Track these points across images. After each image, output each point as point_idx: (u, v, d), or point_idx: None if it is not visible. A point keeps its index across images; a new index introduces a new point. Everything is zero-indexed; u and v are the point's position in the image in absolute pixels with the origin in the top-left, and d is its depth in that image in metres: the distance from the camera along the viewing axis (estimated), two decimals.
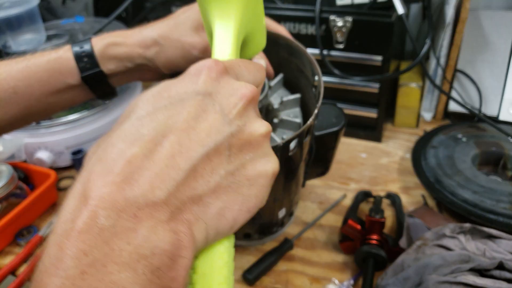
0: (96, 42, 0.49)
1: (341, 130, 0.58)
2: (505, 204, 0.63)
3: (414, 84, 0.89)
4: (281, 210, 0.63)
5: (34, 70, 0.47)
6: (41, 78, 0.47)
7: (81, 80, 0.48)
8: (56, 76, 0.47)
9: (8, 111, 0.47)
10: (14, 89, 0.46)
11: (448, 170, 0.71)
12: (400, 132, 0.93)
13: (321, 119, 0.58)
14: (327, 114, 0.58)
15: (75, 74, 0.48)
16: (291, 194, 0.63)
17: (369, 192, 0.74)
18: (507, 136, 0.77)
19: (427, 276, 0.51)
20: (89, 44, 0.48)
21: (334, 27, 0.80)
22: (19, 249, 0.72)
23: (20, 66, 0.47)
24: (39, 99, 0.48)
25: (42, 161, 0.85)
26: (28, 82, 0.47)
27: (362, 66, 0.82)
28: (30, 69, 0.47)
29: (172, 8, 0.92)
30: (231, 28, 0.32)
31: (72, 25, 1.02)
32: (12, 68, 0.46)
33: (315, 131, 0.56)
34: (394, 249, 0.61)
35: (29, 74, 0.46)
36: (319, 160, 0.61)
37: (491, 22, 0.86)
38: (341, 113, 0.59)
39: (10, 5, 0.86)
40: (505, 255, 0.53)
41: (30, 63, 0.47)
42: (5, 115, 0.47)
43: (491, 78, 0.89)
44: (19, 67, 0.47)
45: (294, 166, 0.55)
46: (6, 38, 0.88)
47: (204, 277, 0.24)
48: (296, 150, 0.51)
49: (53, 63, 0.47)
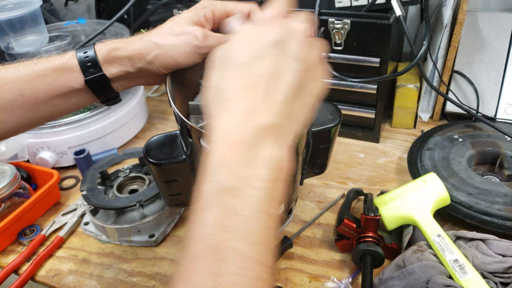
0: (99, 48, 0.50)
1: (337, 126, 0.59)
2: (499, 205, 0.64)
3: (412, 85, 0.89)
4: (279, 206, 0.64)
5: (41, 74, 0.48)
6: (46, 82, 0.48)
7: (84, 84, 0.50)
8: (61, 80, 0.49)
9: (15, 113, 0.48)
10: (21, 92, 0.48)
11: (443, 172, 0.72)
12: (397, 133, 0.94)
13: (317, 116, 0.59)
14: (323, 111, 0.59)
15: (79, 78, 0.49)
16: (289, 191, 0.64)
17: (360, 190, 0.75)
18: (504, 135, 0.77)
19: (436, 276, 0.52)
20: (93, 50, 0.50)
21: (333, 29, 0.81)
22: (22, 248, 0.73)
23: (27, 70, 0.48)
24: (45, 102, 0.49)
25: (45, 161, 0.86)
26: (35, 85, 0.48)
27: (360, 67, 0.83)
28: (37, 73, 0.48)
29: (173, 10, 0.93)
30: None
31: (74, 26, 1.04)
32: (19, 72, 0.48)
33: (312, 127, 0.58)
34: (389, 246, 0.63)
35: (35, 78, 0.48)
36: (316, 158, 0.62)
37: (488, 23, 0.87)
38: (337, 110, 0.60)
39: (13, 6, 0.87)
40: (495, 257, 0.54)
41: (36, 67, 0.49)
42: (11, 117, 0.48)
43: (489, 79, 0.90)
44: (26, 71, 0.48)
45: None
46: (9, 40, 0.89)
47: None
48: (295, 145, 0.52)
49: (58, 67, 0.49)
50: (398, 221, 0.63)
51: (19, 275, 0.67)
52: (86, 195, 0.73)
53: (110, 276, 0.67)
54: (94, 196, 0.73)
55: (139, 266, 0.68)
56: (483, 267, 0.54)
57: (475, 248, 0.56)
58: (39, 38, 0.91)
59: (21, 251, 0.72)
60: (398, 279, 0.54)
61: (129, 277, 0.67)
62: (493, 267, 0.53)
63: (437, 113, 0.95)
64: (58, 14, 1.19)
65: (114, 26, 0.96)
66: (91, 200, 0.72)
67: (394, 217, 0.62)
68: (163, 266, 0.68)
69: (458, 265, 0.53)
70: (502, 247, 0.55)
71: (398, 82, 0.91)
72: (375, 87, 0.84)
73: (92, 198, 0.72)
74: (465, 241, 0.58)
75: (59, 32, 1.00)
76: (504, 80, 0.88)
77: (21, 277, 0.66)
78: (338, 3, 0.81)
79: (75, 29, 1.02)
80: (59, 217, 0.77)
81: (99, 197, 0.73)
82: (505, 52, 0.87)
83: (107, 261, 0.70)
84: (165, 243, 0.72)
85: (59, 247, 0.73)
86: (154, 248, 0.71)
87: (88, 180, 0.76)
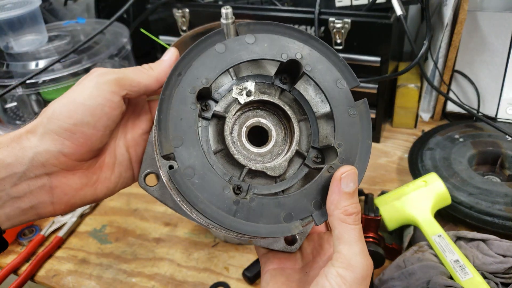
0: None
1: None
2: (500, 205, 0.64)
3: (413, 85, 0.89)
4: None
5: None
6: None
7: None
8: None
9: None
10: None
11: (444, 172, 0.71)
12: (398, 133, 0.93)
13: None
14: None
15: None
16: None
17: (361, 190, 0.75)
18: (505, 135, 0.77)
19: (436, 277, 0.52)
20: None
21: (333, 29, 0.80)
22: (21, 248, 0.72)
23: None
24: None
25: None
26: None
27: (360, 67, 0.83)
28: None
29: (173, 9, 0.92)
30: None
31: (73, 26, 1.03)
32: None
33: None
34: (390, 246, 0.62)
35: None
36: None
37: (489, 23, 0.87)
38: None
39: (12, 6, 0.86)
40: (495, 258, 0.54)
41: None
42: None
43: (489, 79, 0.89)
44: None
45: None
46: (8, 39, 0.88)
47: None
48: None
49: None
50: (399, 221, 0.62)
51: (18, 275, 0.66)
52: None
53: (109, 277, 0.67)
54: None
55: (139, 266, 0.68)
56: (484, 268, 0.54)
57: (476, 249, 0.56)
58: (38, 38, 0.91)
59: (20, 251, 0.71)
60: (398, 280, 0.54)
61: (129, 278, 0.66)
62: (494, 268, 0.53)
63: (438, 113, 0.95)
64: (57, 14, 1.19)
65: (114, 25, 0.96)
66: None
67: (394, 217, 0.62)
68: (162, 267, 0.68)
69: (459, 266, 0.53)
70: (503, 248, 0.55)
71: (398, 82, 0.90)
72: (376, 87, 0.84)
73: None
74: (465, 242, 0.58)
75: (58, 31, 0.99)
76: (505, 80, 0.88)
77: (20, 277, 0.66)
78: (339, 2, 0.81)
79: (74, 29, 1.02)
80: (59, 217, 0.77)
81: None
82: (506, 52, 0.87)
83: (106, 262, 0.69)
84: (164, 243, 0.72)
85: (58, 247, 0.73)
86: (154, 249, 0.71)
87: None
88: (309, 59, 0.38)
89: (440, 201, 0.62)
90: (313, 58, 0.39)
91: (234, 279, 0.65)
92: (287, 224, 0.35)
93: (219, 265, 0.67)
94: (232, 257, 0.68)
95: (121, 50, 0.94)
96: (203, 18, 0.90)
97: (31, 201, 0.37)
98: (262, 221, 0.35)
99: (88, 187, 0.40)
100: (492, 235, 0.57)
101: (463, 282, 0.51)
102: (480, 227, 0.63)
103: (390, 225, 0.62)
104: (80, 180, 0.39)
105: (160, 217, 0.77)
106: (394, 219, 0.62)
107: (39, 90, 0.85)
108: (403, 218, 0.62)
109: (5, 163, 0.35)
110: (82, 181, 0.39)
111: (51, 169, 0.37)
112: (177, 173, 0.34)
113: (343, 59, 0.40)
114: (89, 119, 0.36)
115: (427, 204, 0.61)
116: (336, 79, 0.39)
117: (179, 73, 0.36)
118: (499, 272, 0.53)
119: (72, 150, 0.37)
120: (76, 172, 0.39)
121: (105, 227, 0.76)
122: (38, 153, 0.36)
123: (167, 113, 0.35)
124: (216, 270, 0.67)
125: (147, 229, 0.75)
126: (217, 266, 0.67)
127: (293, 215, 0.36)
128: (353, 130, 0.38)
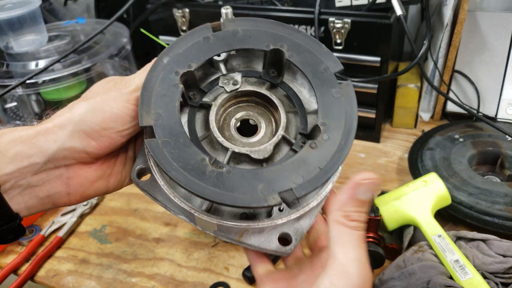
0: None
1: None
2: (500, 205, 0.64)
3: (412, 84, 0.89)
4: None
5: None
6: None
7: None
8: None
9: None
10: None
11: (444, 172, 0.71)
12: (398, 133, 0.93)
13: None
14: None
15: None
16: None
17: None
18: (505, 135, 0.77)
19: (436, 277, 0.52)
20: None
21: (333, 29, 0.80)
22: (21, 248, 0.72)
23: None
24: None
25: None
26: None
27: (360, 67, 0.83)
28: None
29: (173, 9, 0.92)
30: None
31: (73, 26, 1.03)
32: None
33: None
34: (390, 246, 0.62)
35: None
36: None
37: (489, 23, 0.87)
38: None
39: (12, 6, 0.86)
40: (495, 258, 0.54)
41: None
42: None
43: (489, 79, 0.90)
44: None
45: None
46: (8, 39, 0.88)
47: None
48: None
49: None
50: (399, 221, 0.62)
51: (18, 275, 0.67)
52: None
53: (109, 277, 0.67)
54: None
55: (139, 266, 0.68)
56: (484, 268, 0.54)
57: (475, 249, 0.56)
58: (38, 38, 0.91)
59: (20, 251, 0.71)
60: (398, 280, 0.54)
61: (129, 278, 0.66)
62: (494, 268, 0.53)
63: (438, 113, 0.95)
64: (57, 14, 1.19)
65: (114, 25, 0.96)
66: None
67: (394, 217, 0.62)
68: (162, 267, 0.68)
69: (458, 266, 0.53)
70: (503, 248, 0.55)
71: (398, 82, 0.91)
72: (376, 87, 0.84)
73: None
74: (465, 242, 0.58)
75: (58, 31, 0.99)
76: (505, 80, 0.88)
77: (20, 277, 0.66)
78: (338, 2, 0.81)
79: (74, 29, 1.02)
80: (58, 217, 0.77)
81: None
82: (506, 52, 0.87)
83: (106, 262, 0.69)
84: (165, 243, 0.72)
85: (58, 248, 0.73)
86: (154, 249, 0.71)
87: None
88: (292, 48, 0.40)
89: (440, 201, 0.62)
90: (296, 48, 0.40)
91: (234, 279, 0.65)
92: (263, 195, 0.33)
93: (219, 265, 0.67)
94: (232, 257, 0.68)
95: (121, 50, 0.94)
96: (203, 18, 0.90)
97: (49, 190, 0.39)
98: (238, 192, 0.33)
99: (102, 179, 0.42)
100: (492, 235, 0.57)
101: (463, 282, 0.51)
102: (480, 227, 0.63)
103: (390, 225, 0.62)
104: (95, 173, 0.42)
105: (160, 217, 0.77)
106: (394, 219, 0.62)
107: (39, 90, 0.85)
108: (403, 218, 0.62)
109: (28, 154, 0.37)
110: (97, 174, 0.42)
111: (70, 162, 0.40)
112: (153, 142, 0.35)
113: (325, 47, 0.40)
114: (119, 128, 0.39)
115: (427, 204, 0.61)
116: (319, 64, 0.39)
117: (165, 58, 0.39)
118: (499, 272, 0.53)
119: (96, 150, 0.39)
120: (92, 166, 0.41)
121: (105, 227, 0.76)
122: (62, 148, 0.38)
123: (151, 91, 0.37)
124: (216, 270, 0.67)
125: (147, 229, 0.75)
126: (217, 266, 0.67)
127: (272, 187, 0.34)
128: (337, 110, 0.38)
